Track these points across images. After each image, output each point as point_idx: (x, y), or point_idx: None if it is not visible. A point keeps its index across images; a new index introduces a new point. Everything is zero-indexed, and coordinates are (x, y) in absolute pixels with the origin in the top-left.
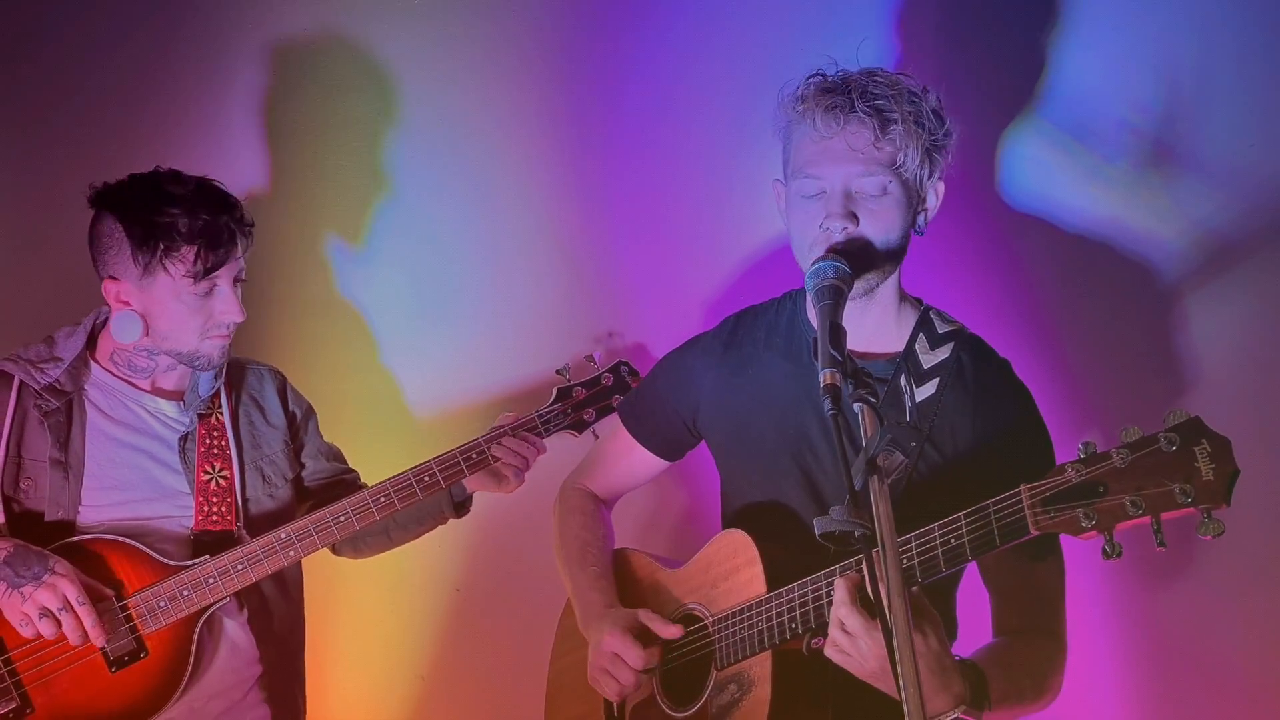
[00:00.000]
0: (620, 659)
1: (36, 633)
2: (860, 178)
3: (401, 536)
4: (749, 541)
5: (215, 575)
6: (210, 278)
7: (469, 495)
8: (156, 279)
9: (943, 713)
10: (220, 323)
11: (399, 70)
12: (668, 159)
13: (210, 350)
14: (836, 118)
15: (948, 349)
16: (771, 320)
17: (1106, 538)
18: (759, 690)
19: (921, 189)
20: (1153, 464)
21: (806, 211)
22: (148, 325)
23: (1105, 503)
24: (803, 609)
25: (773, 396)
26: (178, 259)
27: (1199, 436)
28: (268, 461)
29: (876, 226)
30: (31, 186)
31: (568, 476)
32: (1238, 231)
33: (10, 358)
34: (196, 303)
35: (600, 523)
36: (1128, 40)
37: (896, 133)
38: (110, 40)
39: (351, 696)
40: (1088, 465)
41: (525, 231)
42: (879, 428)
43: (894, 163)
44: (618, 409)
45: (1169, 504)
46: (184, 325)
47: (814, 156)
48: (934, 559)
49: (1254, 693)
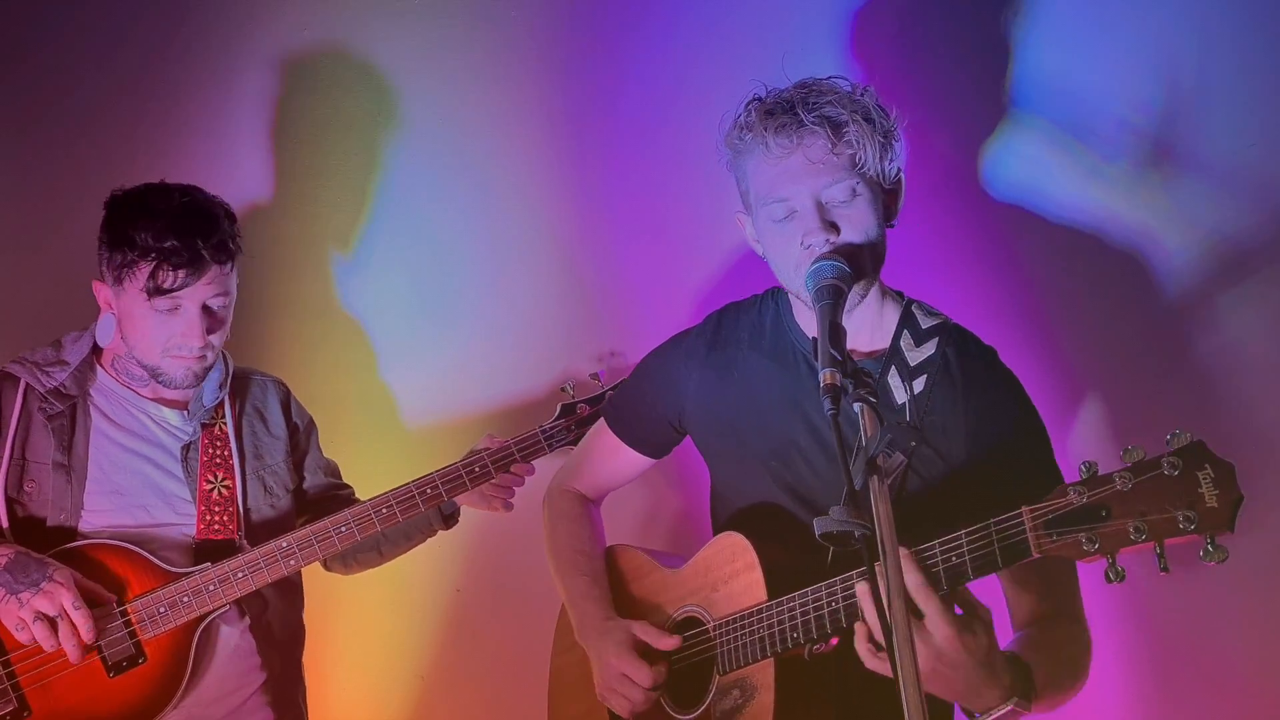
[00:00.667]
0: (629, 679)
1: (31, 638)
2: (827, 188)
3: (392, 551)
4: (747, 545)
5: (215, 582)
6: (172, 297)
7: (458, 507)
8: (124, 288)
9: (993, 708)
10: (179, 345)
11: (401, 73)
12: (668, 162)
13: (172, 370)
14: (789, 135)
15: (933, 344)
16: (755, 320)
17: (1110, 562)
18: (763, 697)
19: (886, 182)
20: (1155, 488)
21: (783, 234)
22: (121, 331)
23: (1108, 527)
24: (804, 618)
25: (758, 398)
26: (135, 273)
27: (1202, 461)
28: (269, 472)
29: (855, 230)
30: (32, 190)
31: (554, 478)
32: (1237, 231)
33: (17, 360)
34: (158, 319)
35: (590, 526)
36: (1127, 39)
37: (851, 134)
38: (111, 44)
39: (351, 697)
40: (1090, 488)
41: (525, 236)
42: (879, 427)
43: (855, 164)
44: (602, 411)
45: (1172, 530)
46: (146, 339)
47: (776, 179)
48: (935, 576)
49: (1254, 693)
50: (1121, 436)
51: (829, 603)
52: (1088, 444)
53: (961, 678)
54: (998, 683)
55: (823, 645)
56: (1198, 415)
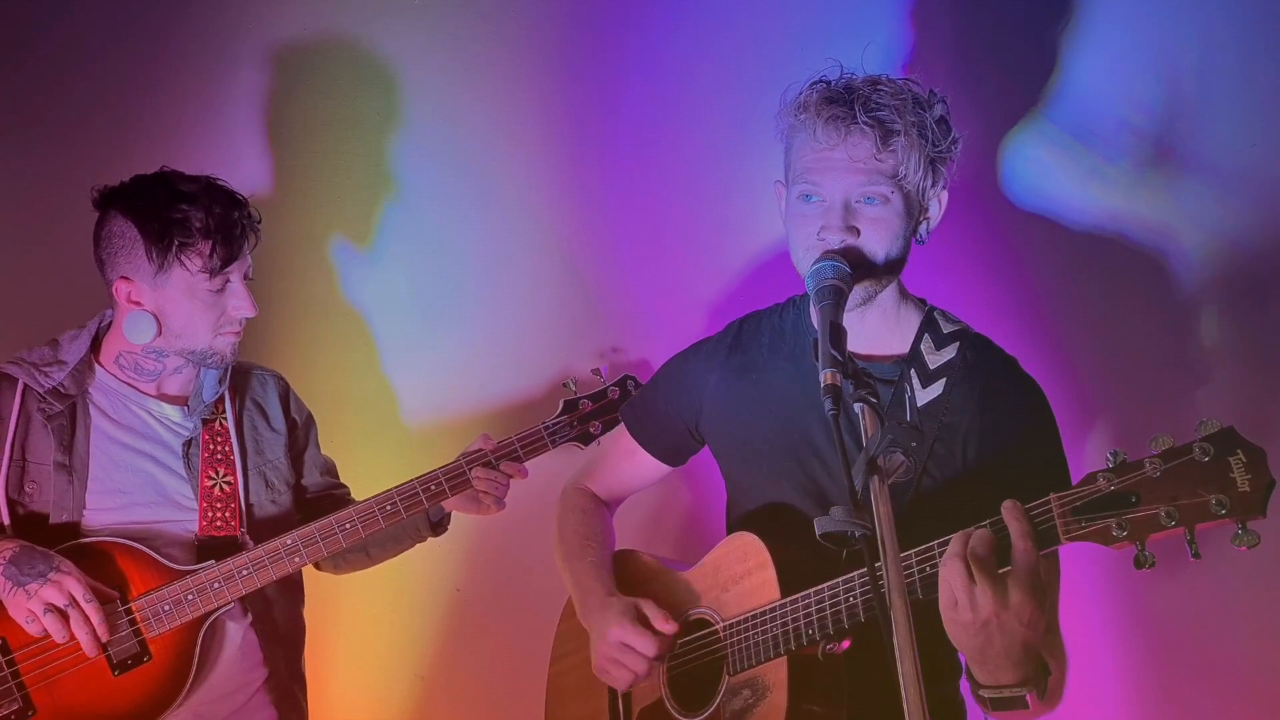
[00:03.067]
0: (630, 648)
1: (42, 630)
2: (861, 188)
3: (380, 554)
4: (760, 545)
5: (220, 580)
6: (224, 273)
7: (446, 514)
8: (171, 276)
9: (1008, 685)
10: (233, 318)
11: (402, 71)
12: (671, 163)
13: (222, 346)
14: (838, 128)
15: (953, 349)
16: (776, 324)
17: (1139, 548)
18: (775, 696)
19: (924, 199)
20: (1186, 474)
21: (804, 215)
22: (160, 325)
23: (1138, 513)
24: (819, 615)
25: (777, 400)
26: (194, 254)
27: (1234, 447)
28: (270, 467)
29: (878, 237)
30: (30, 188)
31: (569, 478)
32: (1239, 231)
33: (14, 361)
34: (210, 299)
35: (600, 519)
36: (1129, 41)
37: (899, 144)
38: (110, 41)
39: (352, 697)
40: (1119, 475)
41: (526, 233)
42: (879, 428)
43: (895, 174)
44: (621, 413)
45: (1204, 516)
46: (198, 322)
47: (813, 165)
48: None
49: (1254, 693)
50: (1121, 436)
51: (846, 598)
52: (1095, 447)
53: (1003, 643)
54: (1024, 668)
55: (835, 645)
56: (1196, 416)
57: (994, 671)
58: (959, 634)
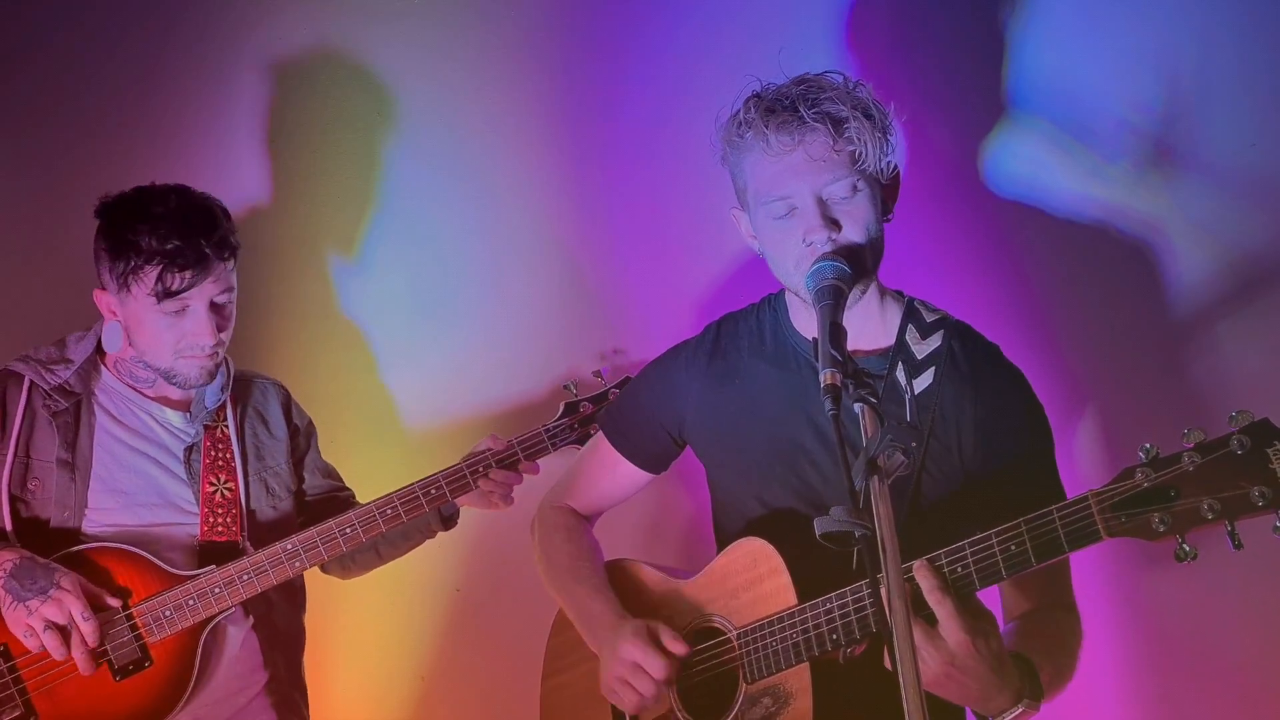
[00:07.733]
0: (641, 668)
1: (40, 645)
2: (828, 185)
3: (390, 552)
4: (771, 550)
5: (221, 585)
6: (179, 299)
7: (457, 509)
8: (130, 294)
9: (1005, 710)
10: (191, 344)
11: (400, 76)
12: (668, 161)
13: (186, 370)
14: (790, 132)
15: (938, 336)
16: (754, 327)
17: (1179, 541)
18: (799, 703)
19: (884, 178)
20: (1224, 467)
21: (783, 231)
22: (129, 337)
23: (1179, 507)
24: (844, 619)
25: (762, 405)
26: (141, 278)
27: (1271, 438)
28: (271, 473)
29: (855, 227)
30: (30, 194)
31: (544, 497)
32: (1237, 231)
33: (21, 358)
34: (167, 321)
35: (585, 536)
36: (1128, 39)
37: (851, 130)
38: (110, 48)
39: (351, 697)
40: (1156, 469)
41: (524, 237)
42: (880, 428)
43: (855, 160)
44: (599, 423)
45: (1246, 507)
46: (157, 343)
47: (777, 176)
48: (994, 565)
49: (1254, 693)
50: (1121, 436)
51: (871, 602)
52: (1089, 442)
53: (975, 682)
54: (1009, 686)
55: (854, 650)
56: (1198, 415)
57: (986, 704)
58: (932, 690)
